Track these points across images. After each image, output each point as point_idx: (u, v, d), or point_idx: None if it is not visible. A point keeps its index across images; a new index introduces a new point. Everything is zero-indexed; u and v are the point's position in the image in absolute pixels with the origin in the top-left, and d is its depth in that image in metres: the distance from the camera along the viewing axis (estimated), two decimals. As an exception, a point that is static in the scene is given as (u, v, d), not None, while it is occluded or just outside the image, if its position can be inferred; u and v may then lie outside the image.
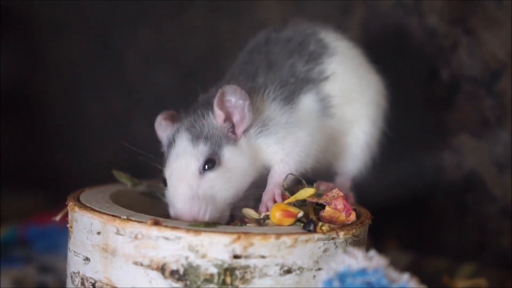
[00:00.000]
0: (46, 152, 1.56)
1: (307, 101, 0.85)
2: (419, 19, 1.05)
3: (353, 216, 0.76)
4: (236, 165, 0.80)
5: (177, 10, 1.34)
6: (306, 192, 0.78)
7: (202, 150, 0.78)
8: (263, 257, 0.69)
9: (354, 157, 0.91)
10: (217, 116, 0.80)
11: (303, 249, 0.70)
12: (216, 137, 0.80)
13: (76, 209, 0.75)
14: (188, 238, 0.68)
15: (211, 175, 0.78)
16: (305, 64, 0.87)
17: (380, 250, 0.70)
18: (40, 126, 1.56)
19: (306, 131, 0.83)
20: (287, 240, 0.70)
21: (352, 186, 0.91)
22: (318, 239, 0.71)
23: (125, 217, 0.71)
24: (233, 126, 0.81)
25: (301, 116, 0.84)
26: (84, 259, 0.74)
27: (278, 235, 0.69)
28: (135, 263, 0.70)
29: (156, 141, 0.84)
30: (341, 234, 0.73)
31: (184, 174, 0.78)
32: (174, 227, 0.69)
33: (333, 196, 0.78)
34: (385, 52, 0.96)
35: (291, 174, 0.81)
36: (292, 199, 0.78)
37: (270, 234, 0.69)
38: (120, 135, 1.34)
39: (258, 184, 0.82)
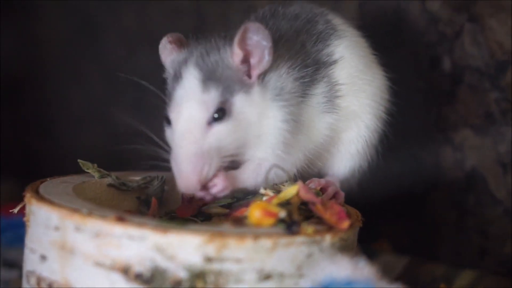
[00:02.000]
0: (22, 139, 1.56)
1: (318, 94, 0.82)
2: (420, 3, 1.03)
3: (345, 225, 0.72)
4: (246, 116, 0.77)
5: (162, -10, 1.35)
6: (290, 190, 0.74)
7: (213, 97, 0.75)
8: (239, 260, 0.66)
9: (351, 154, 0.88)
10: (235, 55, 0.77)
11: (284, 253, 0.67)
12: (229, 81, 0.76)
13: (33, 201, 0.72)
14: (155, 237, 0.65)
15: (219, 127, 0.75)
16: (314, 45, 0.84)
17: (372, 254, 0.68)
18: (15, 111, 1.56)
19: (307, 136, 0.81)
20: (266, 242, 0.66)
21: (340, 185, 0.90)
22: (302, 243, 0.68)
23: (86, 211, 0.68)
24: (248, 69, 0.78)
25: (308, 116, 0.81)
26: (41, 257, 0.70)
27: (256, 237, 0.66)
28: (96, 263, 0.66)
29: (138, 129, 0.81)
30: (328, 237, 0.69)
31: (190, 125, 0.75)
32: (140, 224, 0.66)
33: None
34: (382, 39, 0.93)
35: (276, 165, 0.78)
36: (276, 200, 0.74)
37: (247, 235, 0.66)
38: (100, 121, 1.40)
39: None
